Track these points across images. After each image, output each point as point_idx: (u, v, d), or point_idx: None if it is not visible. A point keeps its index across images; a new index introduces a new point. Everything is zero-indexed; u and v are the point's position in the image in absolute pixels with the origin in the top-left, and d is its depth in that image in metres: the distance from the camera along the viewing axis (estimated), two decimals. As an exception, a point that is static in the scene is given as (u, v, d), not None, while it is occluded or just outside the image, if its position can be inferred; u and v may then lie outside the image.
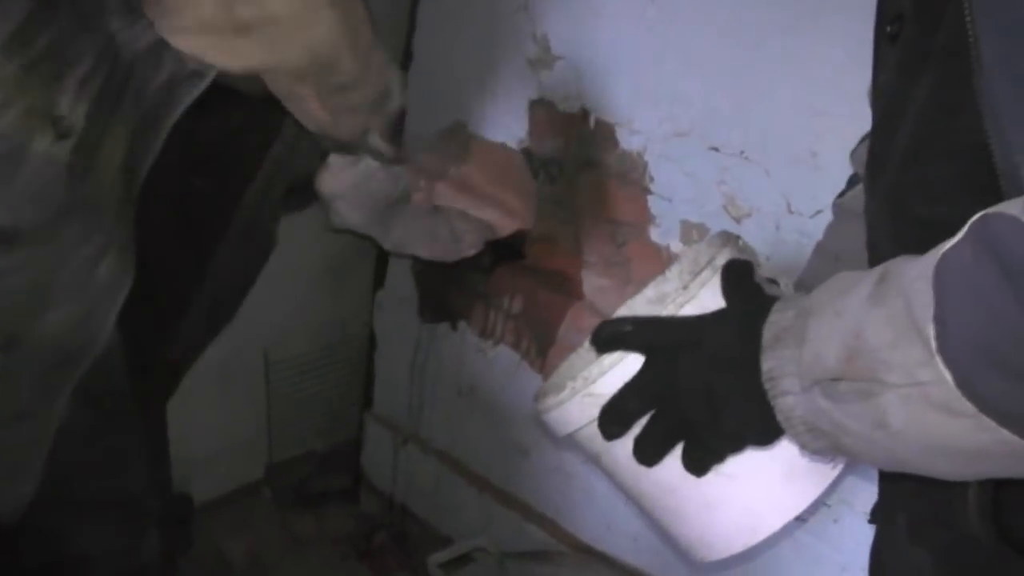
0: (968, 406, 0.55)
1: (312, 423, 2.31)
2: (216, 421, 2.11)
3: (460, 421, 2.03)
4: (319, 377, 2.24)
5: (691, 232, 1.56)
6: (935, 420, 0.57)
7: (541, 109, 1.74)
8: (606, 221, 1.68)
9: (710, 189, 1.53)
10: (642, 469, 0.76)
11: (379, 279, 2.16)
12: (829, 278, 0.69)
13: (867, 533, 1.42)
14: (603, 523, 1.80)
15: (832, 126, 1.38)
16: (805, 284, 0.99)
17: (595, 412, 0.77)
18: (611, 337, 0.77)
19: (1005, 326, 0.53)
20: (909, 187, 0.73)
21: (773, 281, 0.86)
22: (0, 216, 0.96)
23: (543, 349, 1.80)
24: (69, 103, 0.97)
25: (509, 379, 1.88)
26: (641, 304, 0.98)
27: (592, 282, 1.72)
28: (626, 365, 0.76)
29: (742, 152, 1.48)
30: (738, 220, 1.50)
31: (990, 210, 0.55)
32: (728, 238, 0.86)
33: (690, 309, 0.78)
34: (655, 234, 1.61)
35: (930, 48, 0.69)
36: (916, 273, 0.58)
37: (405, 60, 1.98)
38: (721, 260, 0.81)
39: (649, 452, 0.75)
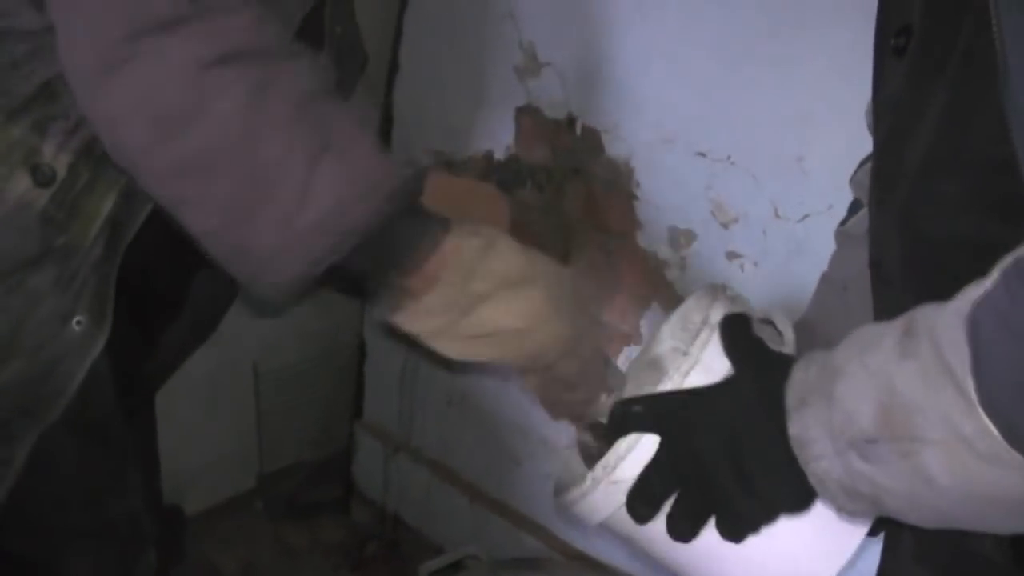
0: (1018, 457, 0.53)
1: (303, 433, 2.29)
2: (206, 433, 2.10)
3: (451, 430, 2.03)
4: (309, 387, 2.23)
5: (679, 238, 1.56)
6: (984, 473, 0.55)
7: (528, 116, 1.74)
8: (594, 228, 1.67)
9: (697, 195, 1.53)
10: (678, 550, 0.74)
11: (369, 288, 2.15)
12: (849, 332, 0.65)
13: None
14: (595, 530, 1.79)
15: (817, 131, 1.38)
16: (811, 319, 0.96)
17: (621, 498, 0.74)
18: (621, 420, 0.74)
19: None
20: (921, 203, 0.70)
21: (768, 322, 0.83)
22: None
23: (533, 357, 1.79)
24: (52, 152, 0.95)
25: (500, 387, 1.88)
26: (637, 370, 0.95)
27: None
28: (643, 446, 0.73)
29: (729, 157, 1.48)
30: (726, 226, 1.50)
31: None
32: (716, 291, 0.82)
33: (696, 374, 0.75)
34: (643, 241, 1.61)
35: (945, 59, 0.67)
36: (945, 322, 0.55)
37: (391, 68, 1.98)
38: (715, 316, 0.77)
39: (683, 529, 0.72)
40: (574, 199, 1.69)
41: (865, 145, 1.30)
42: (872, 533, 0.87)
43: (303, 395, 2.23)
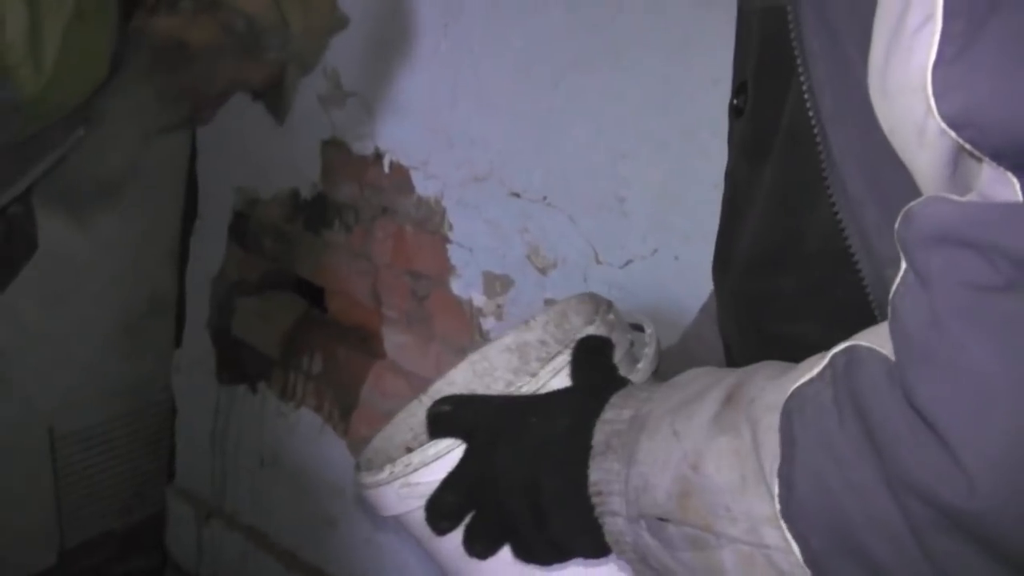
0: None
1: (109, 501, 2.11)
2: (-4, 506, 1.89)
3: (265, 492, 1.90)
4: (115, 450, 2.05)
5: (495, 284, 1.45)
6: None
7: (334, 150, 1.62)
8: (405, 273, 1.56)
9: (512, 237, 1.42)
10: (464, 561, 0.66)
11: (179, 337, 1.97)
12: (681, 370, 0.57)
13: None
14: (417, 598, 1.67)
15: (637, 170, 1.29)
16: (689, 341, 0.86)
17: (413, 503, 0.66)
18: (432, 420, 0.64)
19: (869, 509, 0.42)
20: (757, 300, 0.62)
21: (638, 327, 0.75)
22: None
23: (346, 412, 1.68)
24: None
25: (312, 445, 1.76)
26: (497, 352, 0.87)
27: (393, 339, 1.60)
28: (453, 455, 0.64)
29: (544, 198, 1.38)
30: (544, 271, 1.39)
31: (857, 344, 0.44)
32: (598, 308, 0.74)
33: None
34: (456, 286, 1.50)
35: (771, 133, 0.58)
36: (767, 401, 0.47)
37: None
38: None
39: (477, 548, 0.63)
40: (383, 241, 1.57)
41: (688, 182, 1.21)
42: None
43: (108, 459, 2.05)
